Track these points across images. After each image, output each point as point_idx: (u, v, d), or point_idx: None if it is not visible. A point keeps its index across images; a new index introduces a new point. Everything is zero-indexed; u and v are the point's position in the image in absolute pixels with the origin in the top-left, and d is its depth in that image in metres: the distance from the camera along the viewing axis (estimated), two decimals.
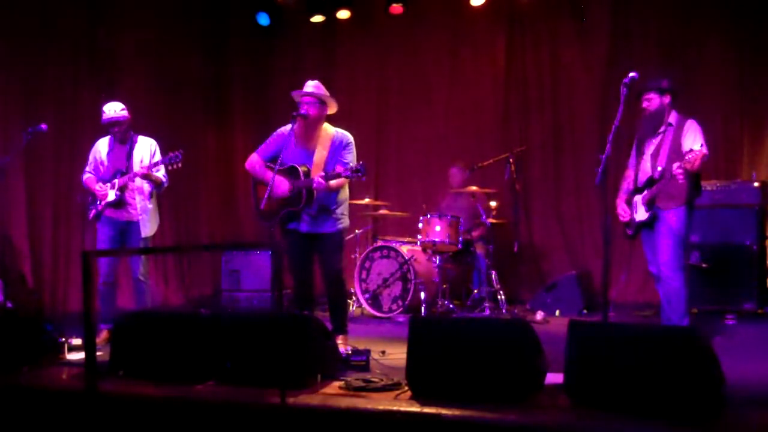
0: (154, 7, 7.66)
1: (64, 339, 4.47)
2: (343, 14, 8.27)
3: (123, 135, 5.35)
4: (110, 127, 5.34)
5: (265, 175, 4.64)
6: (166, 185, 5.37)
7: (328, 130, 4.70)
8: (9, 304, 5.66)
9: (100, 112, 5.37)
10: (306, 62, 8.71)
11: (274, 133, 4.81)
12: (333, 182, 4.47)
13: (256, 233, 8.32)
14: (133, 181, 5.25)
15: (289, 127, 4.67)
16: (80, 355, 4.22)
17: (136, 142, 5.39)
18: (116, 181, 5.25)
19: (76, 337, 4.57)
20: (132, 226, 5.32)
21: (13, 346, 4.03)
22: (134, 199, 5.30)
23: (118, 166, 5.31)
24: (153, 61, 7.72)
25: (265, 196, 4.43)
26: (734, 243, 6.05)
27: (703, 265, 6.09)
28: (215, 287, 7.86)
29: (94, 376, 3.05)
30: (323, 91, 4.65)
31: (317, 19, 8.44)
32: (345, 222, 4.73)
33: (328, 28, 8.61)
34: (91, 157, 5.49)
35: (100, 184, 5.32)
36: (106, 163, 5.39)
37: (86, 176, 5.46)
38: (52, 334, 4.41)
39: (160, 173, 5.28)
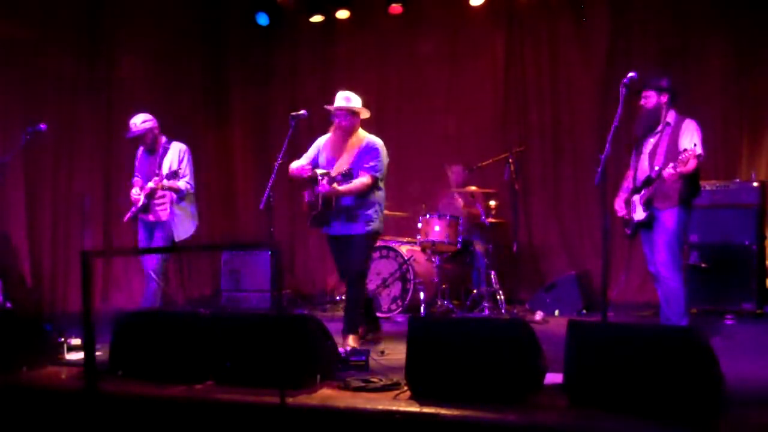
0: (153, 7, 7.66)
1: (63, 339, 4.47)
2: (343, 14, 8.27)
3: (152, 144, 5.54)
4: (136, 141, 5.55)
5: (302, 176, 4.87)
6: (185, 193, 5.50)
7: (360, 136, 4.90)
8: (8, 304, 5.66)
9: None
10: (305, 62, 8.71)
11: (317, 140, 5.04)
12: (342, 188, 4.66)
13: (256, 233, 8.32)
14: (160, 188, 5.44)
15: (327, 136, 4.96)
16: (80, 355, 4.22)
17: (168, 149, 5.56)
18: (147, 187, 5.44)
19: (76, 337, 4.57)
20: (158, 226, 5.48)
21: (13, 346, 4.03)
22: (162, 204, 5.48)
23: (150, 173, 5.50)
24: (152, 61, 7.72)
25: (265, 196, 4.61)
26: (733, 243, 6.05)
27: (703, 265, 6.10)
28: (215, 287, 7.86)
29: (93, 376, 3.05)
30: (354, 102, 4.89)
31: (316, 19, 8.44)
32: (374, 226, 4.85)
33: (328, 28, 8.61)
34: (136, 162, 5.73)
35: (137, 189, 5.52)
36: (142, 169, 5.63)
37: (134, 179, 5.68)
38: (51, 334, 4.41)
39: (181, 182, 5.44)
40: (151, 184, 5.34)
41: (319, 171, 4.76)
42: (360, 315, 4.92)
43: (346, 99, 4.89)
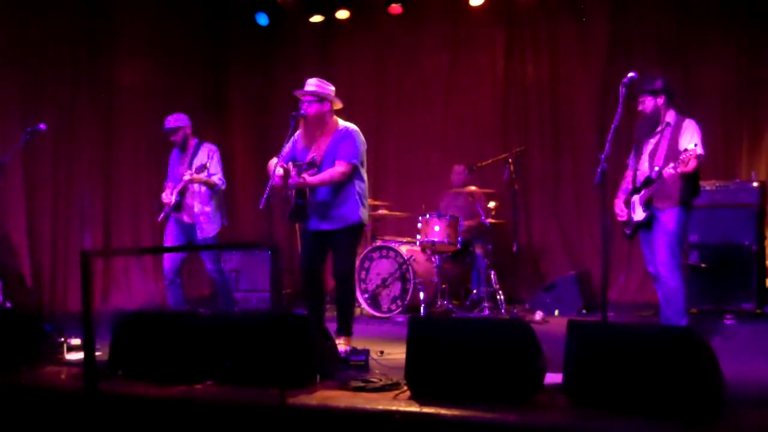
0: (153, 7, 7.67)
1: (63, 339, 4.47)
2: (343, 14, 8.28)
3: (183, 143, 5.67)
4: (169, 135, 5.65)
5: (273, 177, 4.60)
6: (219, 188, 5.60)
7: (333, 124, 4.59)
8: (8, 304, 5.67)
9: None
10: (305, 62, 8.70)
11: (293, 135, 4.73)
12: (314, 178, 4.39)
13: (256, 233, 8.32)
14: (191, 186, 5.54)
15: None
16: (79, 355, 4.22)
17: (199, 149, 5.68)
18: (182, 180, 5.55)
19: (75, 337, 4.57)
20: (195, 227, 5.61)
21: (13, 346, 4.03)
22: (193, 202, 5.58)
23: (181, 172, 5.59)
24: (152, 61, 7.73)
25: (265, 196, 4.43)
26: (733, 243, 6.05)
27: (702, 265, 6.09)
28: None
29: (93, 376, 3.05)
30: (322, 88, 4.57)
31: (316, 19, 8.44)
32: (354, 219, 4.53)
33: (328, 28, 8.61)
34: (169, 167, 5.85)
35: (167, 191, 5.64)
36: (173, 171, 5.75)
37: (166, 182, 5.80)
38: (51, 334, 4.40)
39: (215, 178, 5.55)
40: (186, 177, 5.44)
41: (293, 163, 4.49)
42: (353, 316, 4.72)
43: (315, 84, 4.57)
